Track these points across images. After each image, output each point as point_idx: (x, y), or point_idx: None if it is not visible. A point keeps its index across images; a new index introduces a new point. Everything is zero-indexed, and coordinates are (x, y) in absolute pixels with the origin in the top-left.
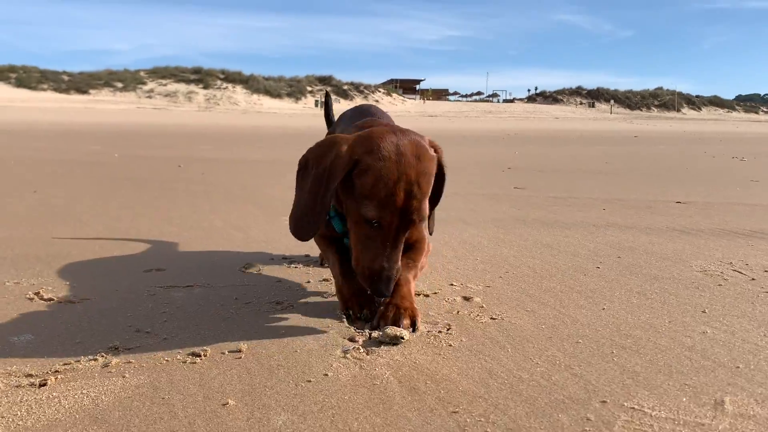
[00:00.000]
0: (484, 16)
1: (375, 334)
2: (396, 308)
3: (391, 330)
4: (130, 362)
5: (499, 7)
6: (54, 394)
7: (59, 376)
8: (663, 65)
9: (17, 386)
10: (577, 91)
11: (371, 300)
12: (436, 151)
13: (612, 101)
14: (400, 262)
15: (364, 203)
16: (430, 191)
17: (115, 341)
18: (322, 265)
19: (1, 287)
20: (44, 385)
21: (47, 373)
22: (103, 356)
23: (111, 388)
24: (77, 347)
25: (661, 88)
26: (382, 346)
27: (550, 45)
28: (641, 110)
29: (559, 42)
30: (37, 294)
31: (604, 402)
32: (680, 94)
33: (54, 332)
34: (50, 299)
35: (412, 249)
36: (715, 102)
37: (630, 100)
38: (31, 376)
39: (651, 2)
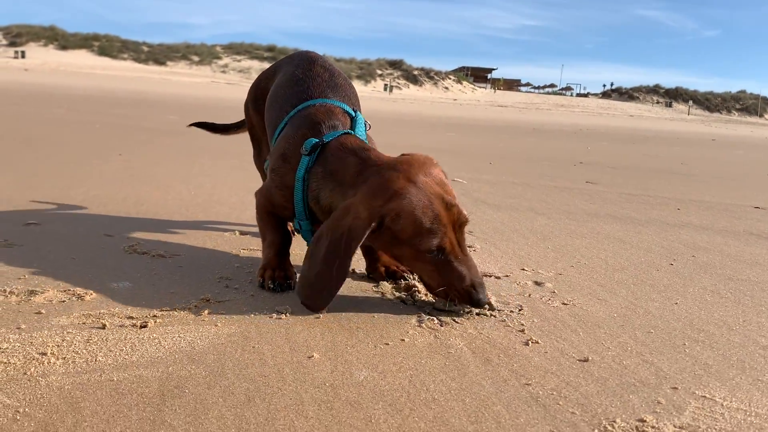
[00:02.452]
0: (561, 7)
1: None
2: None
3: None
4: (221, 313)
5: None
6: (154, 335)
7: (157, 320)
8: (748, 68)
9: (121, 326)
10: (655, 90)
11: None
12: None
13: (690, 102)
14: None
15: (416, 242)
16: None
17: (206, 294)
18: None
19: (98, 239)
20: (145, 326)
21: (146, 317)
22: (196, 306)
23: (205, 334)
24: (172, 297)
25: (744, 92)
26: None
27: (628, 40)
28: (721, 113)
29: (638, 38)
30: (131, 247)
31: (675, 388)
32: (764, 98)
33: (149, 282)
34: (144, 253)
35: None
36: None
37: (710, 102)
38: (132, 318)
39: (739, 2)
